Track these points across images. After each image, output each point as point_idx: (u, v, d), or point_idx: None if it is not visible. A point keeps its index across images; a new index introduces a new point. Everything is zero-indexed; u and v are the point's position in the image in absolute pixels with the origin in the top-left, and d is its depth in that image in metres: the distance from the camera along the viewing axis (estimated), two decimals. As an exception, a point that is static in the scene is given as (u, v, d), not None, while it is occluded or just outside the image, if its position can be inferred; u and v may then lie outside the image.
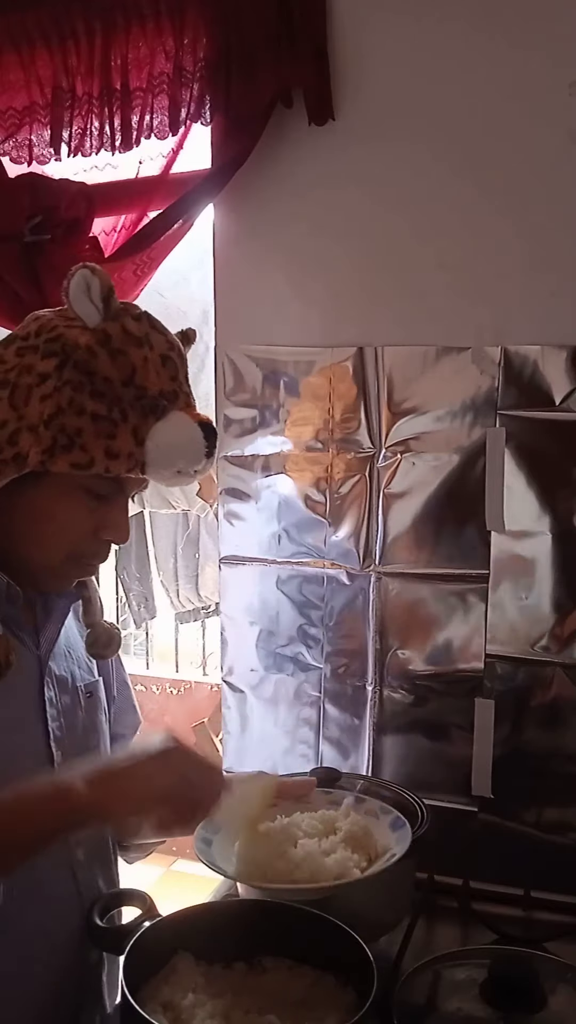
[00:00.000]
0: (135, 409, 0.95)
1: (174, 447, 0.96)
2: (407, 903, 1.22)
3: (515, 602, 1.45)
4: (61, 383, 0.93)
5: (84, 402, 0.93)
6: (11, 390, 0.94)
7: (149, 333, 0.97)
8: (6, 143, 1.65)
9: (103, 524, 0.99)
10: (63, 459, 0.93)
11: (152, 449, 0.95)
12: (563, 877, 1.37)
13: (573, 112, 1.37)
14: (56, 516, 0.97)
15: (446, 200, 1.45)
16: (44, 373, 0.93)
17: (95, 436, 0.93)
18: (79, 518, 0.98)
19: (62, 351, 0.94)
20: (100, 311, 0.94)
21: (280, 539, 1.61)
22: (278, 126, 1.52)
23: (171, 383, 0.97)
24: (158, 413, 0.95)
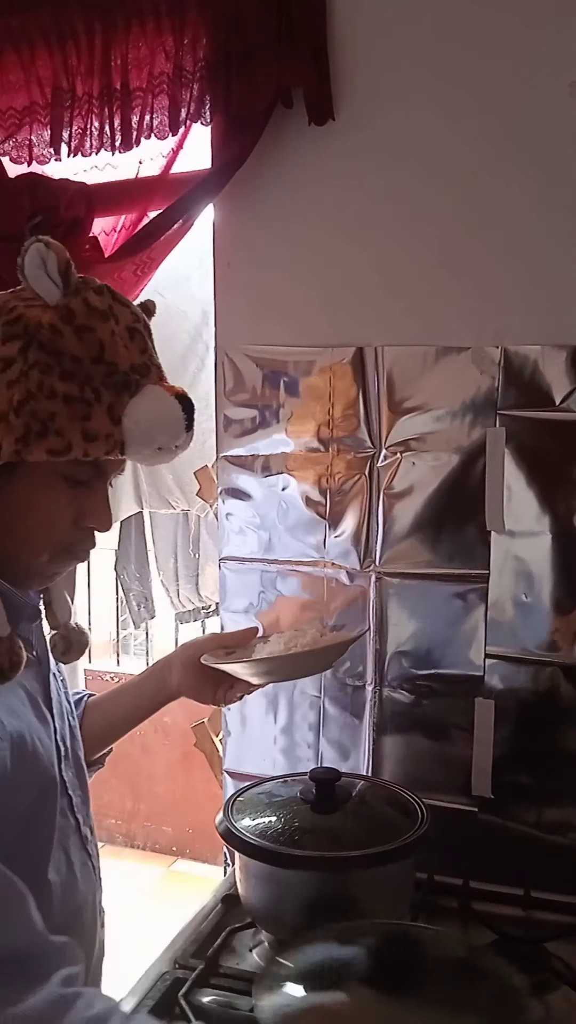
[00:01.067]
0: (108, 387, 0.90)
1: (153, 423, 0.92)
2: (407, 903, 1.22)
3: (515, 602, 1.45)
4: (27, 366, 0.88)
5: (54, 384, 0.88)
6: None
7: (112, 306, 0.93)
8: (6, 143, 1.65)
9: (84, 512, 0.95)
10: (39, 447, 0.88)
11: (130, 427, 0.91)
12: (563, 877, 1.37)
13: (573, 112, 1.37)
14: (38, 508, 0.93)
15: (446, 200, 1.45)
16: (8, 358, 0.88)
17: (70, 419, 0.88)
18: (60, 508, 0.94)
19: (24, 333, 0.89)
20: (60, 286, 0.90)
21: (280, 539, 1.61)
22: (278, 126, 1.52)
23: (141, 356, 0.93)
24: (132, 389, 0.91)
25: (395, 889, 1.20)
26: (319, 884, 1.14)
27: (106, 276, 1.59)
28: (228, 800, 1.28)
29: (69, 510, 0.94)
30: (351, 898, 1.15)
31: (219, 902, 1.33)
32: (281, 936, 1.20)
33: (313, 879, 1.14)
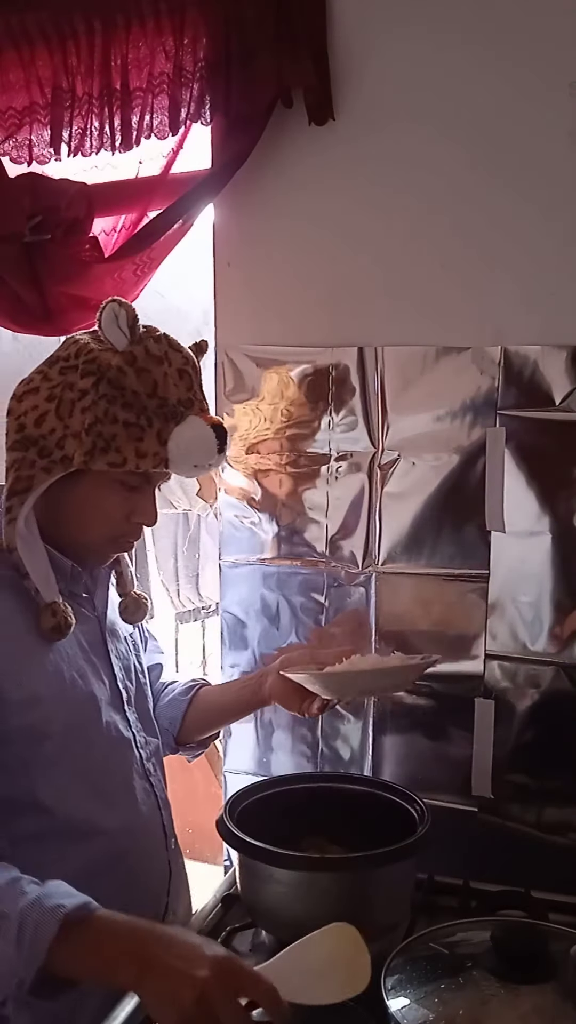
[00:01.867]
0: (158, 416, 1.13)
1: (191, 446, 1.15)
2: (408, 903, 1.22)
3: (515, 602, 1.45)
4: (98, 397, 1.12)
5: (117, 412, 1.12)
6: (57, 404, 1.13)
7: (168, 352, 1.16)
8: (6, 143, 1.65)
9: (135, 510, 1.19)
10: (102, 459, 1.12)
11: (173, 448, 1.14)
12: (563, 877, 1.37)
13: (573, 112, 1.37)
14: (97, 505, 1.17)
15: (446, 200, 1.45)
16: (83, 389, 1.12)
17: (126, 440, 1.12)
18: (115, 506, 1.17)
19: (97, 370, 1.12)
20: (127, 336, 1.13)
21: (280, 539, 1.61)
22: (278, 126, 1.52)
23: (187, 392, 1.16)
24: (177, 418, 1.14)
25: (397, 889, 1.20)
26: (321, 885, 1.14)
27: (106, 276, 1.60)
28: (228, 800, 1.28)
29: (123, 508, 1.18)
30: (353, 899, 1.15)
31: (219, 902, 1.33)
32: (281, 937, 1.20)
33: (315, 880, 1.14)
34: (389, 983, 0.96)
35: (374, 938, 1.17)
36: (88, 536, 1.20)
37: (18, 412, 1.15)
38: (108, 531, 1.19)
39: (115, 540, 1.21)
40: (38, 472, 1.13)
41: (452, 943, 1.04)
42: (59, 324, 1.69)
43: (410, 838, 1.17)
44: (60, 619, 1.13)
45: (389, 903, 1.19)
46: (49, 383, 1.15)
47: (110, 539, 1.21)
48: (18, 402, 1.16)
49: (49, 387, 1.14)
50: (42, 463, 1.13)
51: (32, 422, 1.14)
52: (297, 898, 1.14)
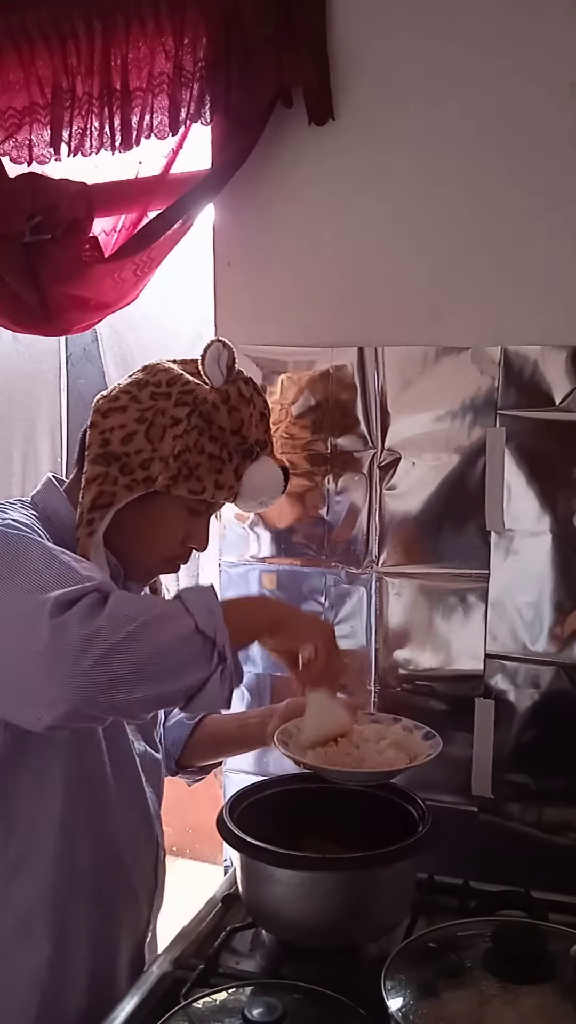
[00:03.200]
0: (238, 452, 1.23)
1: (262, 484, 1.27)
2: (408, 903, 1.22)
3: (515, 602, 1.45)
4: (189, 427, 1.19)
5: (204, 444, 1.19)
6: (148, 426, 1.19)
7: (253, 395, 1.26)
8: (6, 143, 1.65)
9: (191, 535, 1.25)
10: (184, 485, 1.19)
11: (246, 484, 1.25)
12: (563, 877, 1.37)
13: (573, 112, 1.37)
14: (164, 525, 1.23)
15: (446, 200, 1.45)
16: (177, 417, 1.19)
17: (208, 471, 1.20)
18: (176, 529, 1.23)
19: (192, 402, 1.19)
20: (224, 376, 1.22)
21: (280, 539, 1.61)
22: (278, 126, 1.52)
23: (264, 434, 1.28)
24: (253, 457, 1.25)
25: (398, 889, 1.19)
26: (321, 884, 1.14)
27: (106, 276, 1.60)
28: (228, 800, 1.28)
29: (182, 531, 1.24)
30: (353, 898, 1.15)
31: (219, 902, 1.33)
32: (282, 937, 1.20)
33: (316, 879, 1.14)
34: (389, 983, 0.96)
35: (374, 937, 1.18)
36: (145, 554, 1.25)
37: (103, 427, 1.19)
38: (164, 552, 1.25)
39: (167, 561, 1.27)
40: (120, 489, 1.18)
41: (452, 943, 1.04)
42: (59, 324, 1.69)
43: (411, 838, 1.17)
44: None
45: (390, 903, 1.19)
46: (139, 405, 1.20)
47: (164, 559, 1.26)
48: (103, 417, 1.20)
49: (139, 409, 1.19)
50: (125, 480, 1.18)
51: (119, 439, 1.18)
52: (298, 898, 1.14)
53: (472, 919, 1.13)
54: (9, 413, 3.02)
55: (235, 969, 1.17)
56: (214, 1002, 1.02)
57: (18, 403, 3.02)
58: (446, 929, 1.08)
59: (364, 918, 1.17)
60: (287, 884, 1.14)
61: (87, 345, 2.98)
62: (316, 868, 1.15)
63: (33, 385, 3.03)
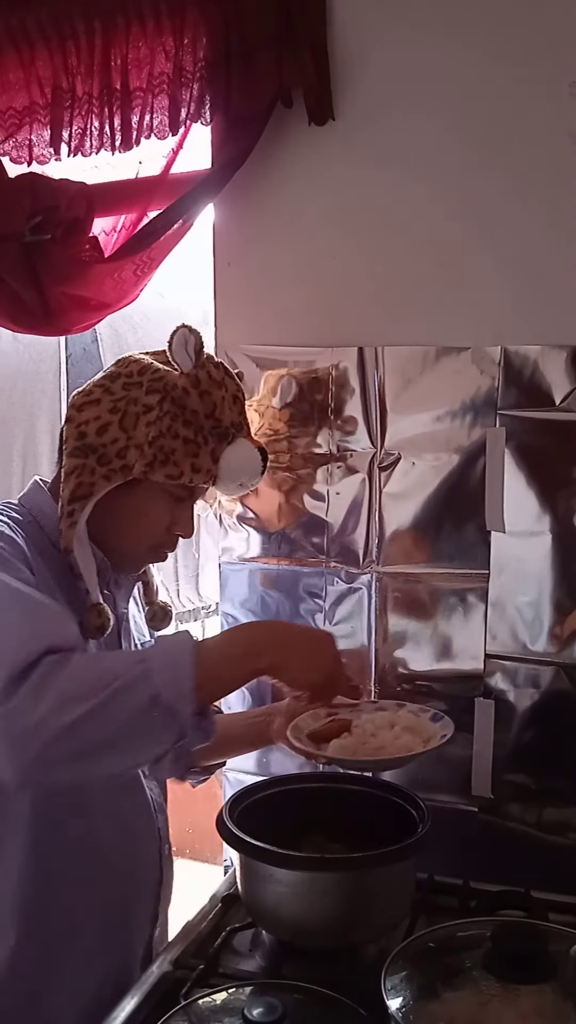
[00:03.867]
0: (213, 435, 1.23)
1: (240, 465, 1.26)
2: (408, 903, 1.22)
3: (515, 602, 1.45)
4: (162, 413, 1.19)
5: (178, 429, 1.20)
6: (121, 416, 1.20)
7: (224, 378, 1.26)
8: (6, 143, 1.64)
9: (176, 522, 1.26)
10: (160, 471, 1.19)
11: (224, 466, 1.24)
12: (563, 877, 1.37)
13: (573, 112, 1.37)
14: (144, 514, 1.23)
15: (446, 199, 1.45)
16: (148, 405, 1.20)
17: (184, 455, 1.20)
18: (160, 516, 1.24)
19: (163, 388, 1.20)
20: (192, 360, 1.22)
21: (280, 539, 1.61)
22: (278, 126, 1.52)
23: (239, 416, 1.27)
24: (229, 439, 1.25)
25: (398, 889, 1.20)
26: (322, 884, 1.14)
27: (106, 276, 1.60)
28: (228, 800, 1.28)
29: (166, 519, 1.24)
30: (354, 898, 1.15)
31: (219, 902, 1.33)
32: (281, 937, 1.20)
33: (316, 880, 1.14)
34: (389, 983, 0.96)
35: (375, 937, 1.18)
36: (130, 543, 1.26)
37: (79, 420, 1.21)
38: (150, 540, 1.26)
39: (154, 549, 1.28)
40: (98, 479, 1.19)
41: (452, 943, 1.04)
42: (59, 324, 1.69)
43: (411, 837, 1.17)
44: (104, 619, 1.19)
45: (390, 903, 1.19)
46: (112, 396, 1.21)
47: (150, 548, 1.27)
48: (78, 411, 1.22)
49: (112, 400, 1.21)
50: (102, 471, 1.19)
51: (94, 431, 1.20)
52: (298, 898, 1.14)
53: (472, 919, 1.13)
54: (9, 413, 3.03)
55: (235, 969, 1.17)
56: (214, 1002, 1.02)
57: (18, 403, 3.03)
58: (446, 929, 1.08)
59: (364, 918, 1.17)
60: (287, 884, 1.14)
61: (87, 345, 2.98)
62: (316, 868, 1.15)
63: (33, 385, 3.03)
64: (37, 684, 0.94)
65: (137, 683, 0.98)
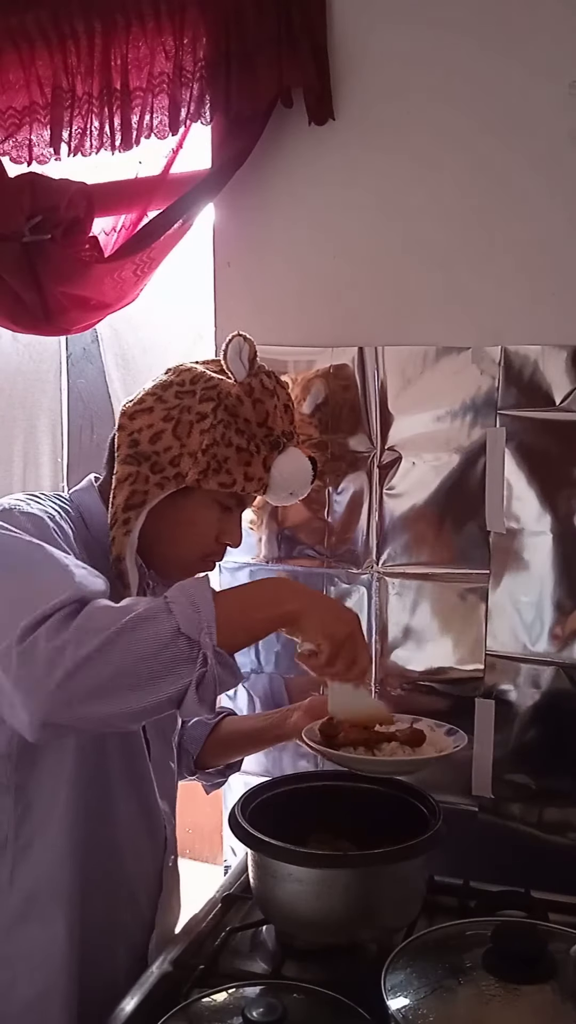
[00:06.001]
0: (265, 444, 1.23)
1: (291, 474, 1.26)
2: (421, 898, 1.22)
3: (515, 602, 1.45)
4: (216, 421, 1.19)
5: (231, 437, 1.20)
6: (175, 424, 1.20)
7: (276, 387, 1.26)
8: (6, 143, 1.65)
9: (224, 531, 1.25)
10: (214, 479, 1.19)
11: (276, 475, 1.24)
12: (563, 877, 1.37)
13: (573, 112, 1.37)
14: (195, 522, 1.23)
15: (446, 200, 1.45)
16: (202, 413, 1.20)
17: (237, 463, 1.21)
18: (210, 525, 1.24)
19: (217, 397, 1.21)
20: (247, 369, 1.23)
21: (280, 539, 1.61)
22: (278, 126, 1.52)
23: (289, 426, 1.28)
24: (280, 448, 1.25)
25: (412, 885, 1.20)
26: (340, 882, 1.14)
27: (106, 276, 1.60)
28: (240, 800, 1.27)
29: (215, 528, 1.24)
30: (370, 895, 1.15)
31: (219, 902, 1.33)
32: (296, 934, 1.19)
33: (334, 877, 1.14)
34: (389, 983, 0.96)
35: (387, 937, 1.17)
36: (181, 552, 1.26)
37: (131, 429, 1.21)
38: (200, 549, 1.26)
39: (204, 558, 1.28)
40: (152, 487, 1.19)
41: (452, 943, 1.04)
42: (59, 324, 1.69)
43: (418, 834, 1.17)
44: None
45: (405, 899, 1.19)
46: (164, 404, 1.21)
47: (200, 556, 1.27)
48: (130, 420, 1.22)
49: (165, 408, 1.21)
50: (155, 479, 1.19)
51: (147, 439, 1.20)
52: (316, 895, 1.14)
53: (472, 919, 1.13)
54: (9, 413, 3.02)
55: (235, 969, 1.17)
56: (214, 1002, 1.02)
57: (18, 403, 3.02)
58: (446, 929, 1.08)
59: (380, 915, 1.17)
60: (306, 882, 1.14)
61: (87, 345, 2.97)
62: (335, 865, 1.15)
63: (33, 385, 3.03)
64: (57, 623, 0.94)
65: (157, 615, 0.97)
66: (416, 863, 1.17)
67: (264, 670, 1.64)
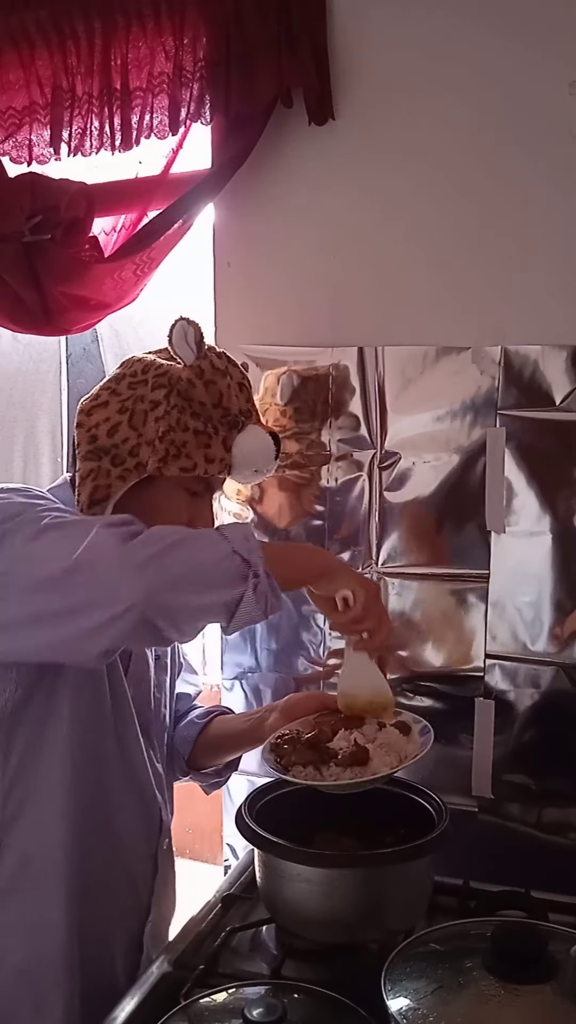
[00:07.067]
0: (223, 425, 1.22)
1: (253, 452, 1.25)
2: (428, 895, 1.22)
3: (515, 602, 1.45)
4: (170, 407, 1.20)
5: (187, 421, 1.20)
6: (130, 415, 1.20)
7: (228, 366, 1.26)
8: (6, 143, 1.65)
9: (194, 516, 1.25)
10: (174, 465, 1.19)
11: (237, 455, 1.23)
12: (563, 877, 1.37)
13: (573, 112, 1.37)
14: (165, 510, 1.21)
15: (446, 199, 1.45)
16: (155, 400, 1.20)
17: (196, 447, 1.20)
18: (179, 512, 1.23)
19: (168, 383, 1.21)
20: (194, 352, 1.22)
21: (280, 539, 1.60)
22: (278, 126, 1.52)
23: (246, 403, 1.26)
24: (239, 427, 1.24)
25: (419, 884, 1.20)
26: (348, 881, 1.14)
27: (106, 276, 1.60)
28: (246, 800, 1.27)
29: (185, 514, 1.23)
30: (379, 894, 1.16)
31: (219, 902, 1.33)
32: (302, 933, 1.19)
33: (338, 876, 1.14)
34: (389, 983, 0.96)
35: (394, 935, 1.17)
36: None
37: (88, 425, 1.22)
38: None
39: None
40: (114, 480, 1.20)
41: (452, 943, 1.04)
42: (59, 324, 1.69)
43: (422, 833, 1.18)
44: None
45: (412, 899, 1.19)
46: (119, 397, 1.22)
47: None
48: (87, 416, 1.23)
49: (120, 400, 1.22)
50: (117, 471, 1.20)
51: (105, 433, 1.20)
52: (325, 895, 1.14)
53: (472, 919, 1.13)
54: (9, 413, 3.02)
55: (235, 969, 1.16)
56: (214, 1002, 1.02)
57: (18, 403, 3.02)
58: (446, 929, 1.08)
59: (387, 914, 1.17)
60: (316, 882, 1.14)
61: (87, 345, 2.98)
62: (342, 865, 1.15)
63: (33, 385, 3.03)
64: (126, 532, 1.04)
65: (213, 536, 1.08)
66: (424, 862, 1.18)
67: (263, 669, 1.64)
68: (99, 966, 1.20)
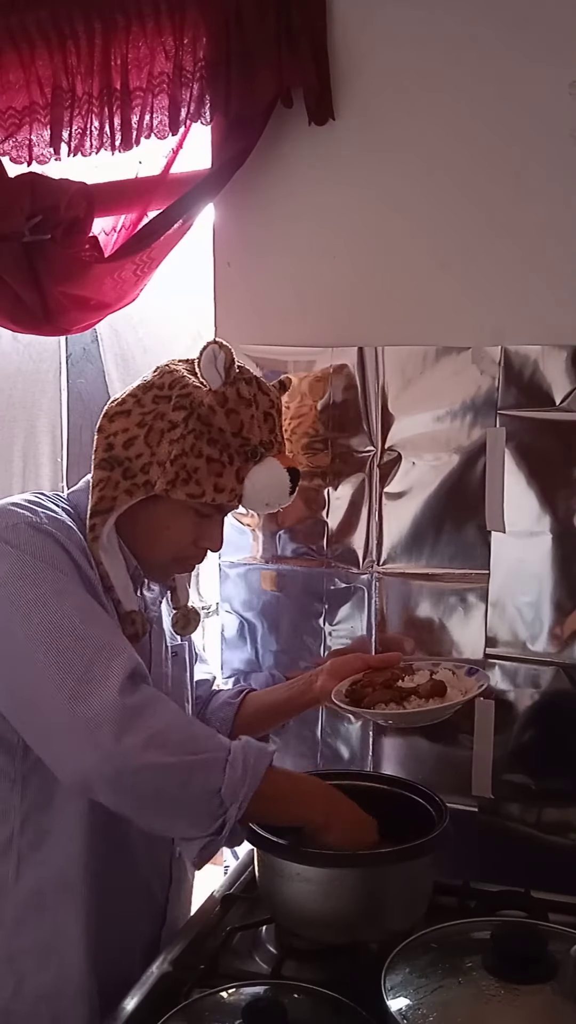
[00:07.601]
0: (240, 455, 1.20)
1: (267, 487, 1.23)
2: (428, 895, 1.22)
3: (515, 602, 1.45)
4: (187, 431, 1.17)
5: (202, 447, 1.18)
6: (147, 431, 1.19)
7: (256, 395, 1.22)
8: (6, 143, 1.65)
9: (202, 536, 1.24)
10: (182, 489, 1.18)
11: (249, 487, 1.21)
12: (563, 877, 1.37)
13: (573, 112, 1.37)
14: (169, 528, 1.23)
15: (446, 199, 1.45)
16: (174, 421, 1.18)
17: (207, 474, 1.18)
18: (185, 531, 1.23)
19: (189, 406, 1.18)
20: (222, 378, 1.19)
21: (280, 539, 1.61)
22: (278, 126, 1.52)
23: (269, 435, 1.24)
24: (256, 458, 1.21)
25: (420, 884, 1.20)
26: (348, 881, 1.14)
27: (106, 276, 1.60)
28: None
29: (192, 533, 1.24)
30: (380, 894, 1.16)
31: (219, 902, 1.33)
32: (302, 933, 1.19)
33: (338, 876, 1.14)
34: (389, 983, 0.96)
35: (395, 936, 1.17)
36: (155, 555, 1.25)
37: (108, 431, 1.21)
38: (175, 553, 1.25)
39: (179, 561, 1.27)
40: (120, 494, 1.19)
41: (452, 943, 1.04)
42: (59, 324, 1.69)
43: (423, 832, 1.18)
44: (138, 627, 1.22)
45: (412, 899, 1.19)
46: (141, 409, 1.20)
47: (175, 560, 1.27)
48: (109, 422, 1.21)
49: (141, 413, 1.20)
50: (125, 484, 1.19)
51: (121, 444, 1.19)
52: (324, 895, 1.14)
53: (472, 919, 1.13)
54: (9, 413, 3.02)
55: (235, 969, 1.16)
56: (214, 1002, 1.02)
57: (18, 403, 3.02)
58: (446, 929, 1.08)
59: (387, 914, 1.17)
60: (311, 881, 1.14)
61: (87, 345, 2.97)
62: (342, 864, 1.15)
63: (33, 385, 3.03)
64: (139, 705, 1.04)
65: (212, 767, 1.05)
66: (424, 862, 1.18)
67: (263, 669, 1.64)
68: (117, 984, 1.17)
